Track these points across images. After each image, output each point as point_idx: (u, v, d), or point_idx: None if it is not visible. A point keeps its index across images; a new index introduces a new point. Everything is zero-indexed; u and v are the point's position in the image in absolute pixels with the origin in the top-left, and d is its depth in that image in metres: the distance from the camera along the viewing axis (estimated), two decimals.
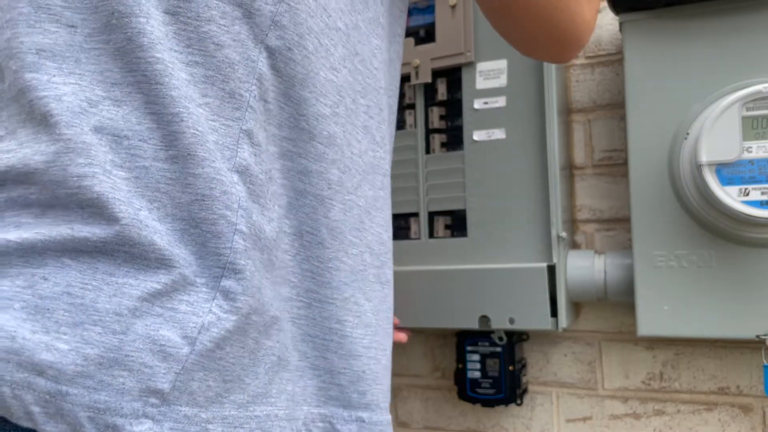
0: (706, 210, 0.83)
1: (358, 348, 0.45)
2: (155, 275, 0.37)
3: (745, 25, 0.83)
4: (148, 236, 0.37)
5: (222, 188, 0.39)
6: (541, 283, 0.93)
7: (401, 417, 1.18)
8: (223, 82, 0.40)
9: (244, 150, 0.40)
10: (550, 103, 0.94)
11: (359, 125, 0.48)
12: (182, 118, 0.39)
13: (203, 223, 0.38)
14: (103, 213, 0.37)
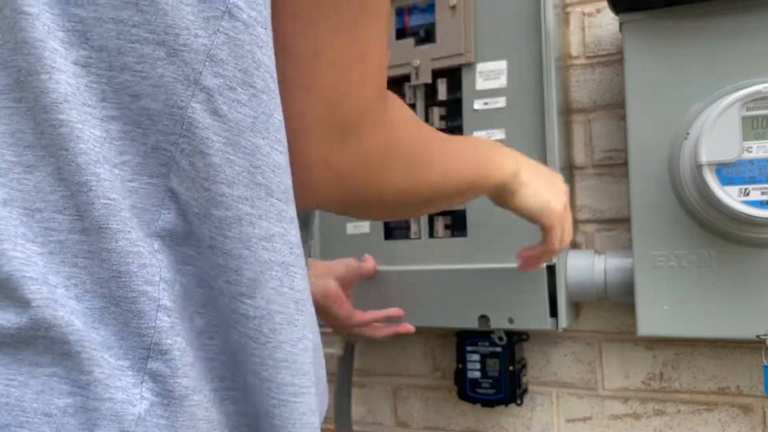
0: (706, 210, 0.83)
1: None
2: (79, 362, 0.33)
3: (745, 25, 0.83)
4: (65, 317, 0.33)
5: (140, 261, 0.34)
6: (540, 283, 0.93)
7: (401, 417, 1.18)
8: (143, 136, 0.35)
9: (168, 212, 0.36)
10: (549, 103, 0.93)
11: None
12: (90, 187, 0.34)
13: (123, 302, 0.34)
14: (14, 295, 0.33)
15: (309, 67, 0.41)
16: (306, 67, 0.41)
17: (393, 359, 1.18)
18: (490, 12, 0.99)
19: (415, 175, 0.52)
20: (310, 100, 0.42)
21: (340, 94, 0.42)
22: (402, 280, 0.93)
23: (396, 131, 0.48)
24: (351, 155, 0.45)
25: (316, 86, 0.42)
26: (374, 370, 1.20)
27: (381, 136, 0.46)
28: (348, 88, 0.43)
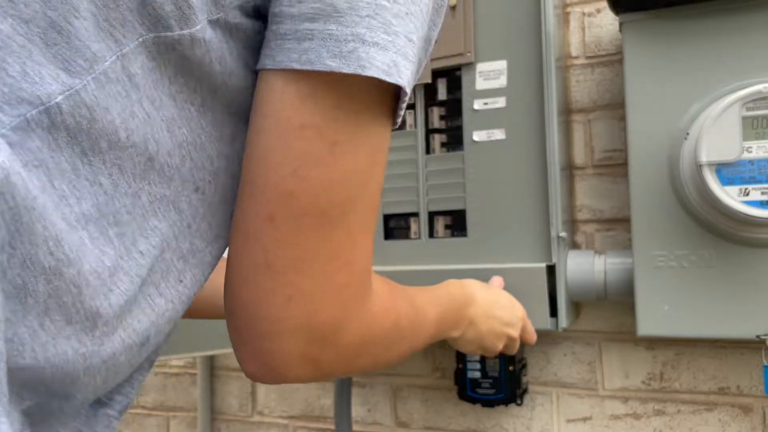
0: (706, 210, 0.83)
1: None
2: None
3: (745, 25, 0.83)
4: None
5: None
6: (540, 283, 0.93)
7: (401, 417, 1.18)
8: None
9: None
10: (549, 103, 0.94)
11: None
12: None
13: None
14: None
15: (291, 278, 0.42)
16: (288, 279, 0.42)
17: None
18: (490, 12, 0.99)
19: (385, 356, 0.55)
20: (291, 307, 0.42)
21: (321, 302, 0.43)
22: (402, 280, 0.92)
23: (375, 325, 0.49)
24: (329, 352, 0.45)
25: (298, 296, 0.42)
26: (374, 370, 1.20)
27: (359, 333, 0.47)
28: (330, 296, 0.43)
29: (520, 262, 0.96)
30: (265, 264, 0.42)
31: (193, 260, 0.43)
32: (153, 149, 0.40)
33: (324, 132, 0.40)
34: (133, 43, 0.38)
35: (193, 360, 1.36)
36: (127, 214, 0.39)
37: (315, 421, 1.25)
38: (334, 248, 0.43)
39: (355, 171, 0.42)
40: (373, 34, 0.39)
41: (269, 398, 1.29)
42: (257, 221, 0.42)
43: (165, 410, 1.39)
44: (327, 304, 0.43)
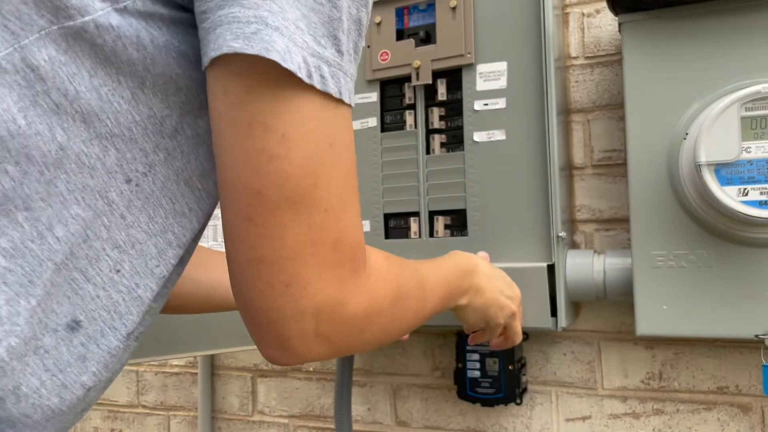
0: (705, 210, 0.84)
1: None
2: None
3: (744, 25, 0.83)
4: None
5: None
6: (541, 283, 0.94)
7: (401, 416, 1.18)
8: None
9: None
10: (550, 105, 0.94)
11: None
12: None
13: None
14: None
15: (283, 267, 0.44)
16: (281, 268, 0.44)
17: (393, 358, 1.19)
18: (491, 13, 0.99)
19: (394, 326, 0.56)
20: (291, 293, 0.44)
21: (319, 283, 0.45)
22: None
23: (377, 296, 0.52)
24: (338, 328, 0.47)
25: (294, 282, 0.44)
26: (374, 369, 1.20)
27: (363, 306, 0.49)
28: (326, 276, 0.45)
29: (521, 261, 0.97)
30: (256, 259, 0.44)
31: (132, 251, 0.44)
32: (63, 139, 0.41)
33: (270, 125, 0.42)
34: (33, 36, 0.39)
35: (193, 359, 1.36)
36: (40, 200, 0.40)
37: (315, 420, 1.26)
38: (318, 231, 0.44)
39: (312, 157, 0.43)
40: (274, 18, 0.40)
41: (269, 397, 1.29)
42: (237, 223, 0.44)
43: (165, 409, 1.39)
44: (324, 284, 0.45)
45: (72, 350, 0.43)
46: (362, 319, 0.50)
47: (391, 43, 1.04)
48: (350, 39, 0.44)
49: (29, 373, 0.41)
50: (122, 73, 0.42)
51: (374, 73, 1.06)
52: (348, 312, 0.48)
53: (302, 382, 1.27)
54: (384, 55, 1.05)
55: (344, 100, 0.44)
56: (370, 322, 0.51)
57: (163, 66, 0.43)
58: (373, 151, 1.07)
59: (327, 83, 0.42)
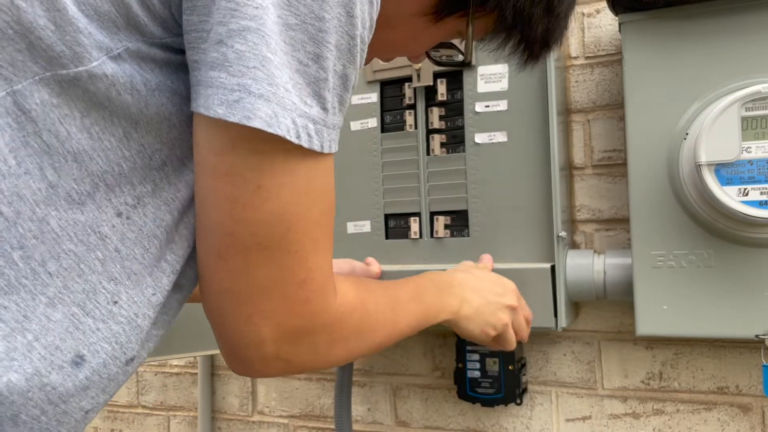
0: (705, 210, 0.84)
1: None
2: None
3: (744, 25, 0.84)
4: None
5: None
6: (544, 284, 0.94)
7: (401, 416, 1.18)
8: None
9: None
10: (552, 107, 0.94)
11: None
12: None
13: None
14: None
15: (248, 301, 0.47)
16: (245, 301, 0.47)
17: (393, 359, 1.19)
18: None
19: (361, 346, 0.60)
20: (252, 323, 0.48)
21: (283, 317, 0.48)
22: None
23: (342, 325, 0.55)
24: (301, 353, 0.51)
25: (257, 315, 0.47)
26: (374, 370, 1.20)
27: (328, 334, 0.53)
28: (291, 311, 0.48)
29: (523, 262, 0.97)
30: (223, 290, 0.47)
31: (128, 282, 0.45)
32: (53, 177, 0.42)
33: (247, 177, 0.44)
34: (26, 81, 0.41)
35: (193, 360, 1.36)
36: (33, 238, 0.42)
37: (315, 420, 1.26)
38: (286, 273, 0.47)
39: (286, 206, 0.45)
40: (258, 86, 0.41)
41: (269, 397, 1.29)
42: (209, 258, 0.47)
43: (165, 409, 1.39)
44: (289, 317, 0.48)
45: (77, 383, 0.44)
46: (324, 345, 0.53)
47: None
48: (335, 95, 0.45)
49: (31, 406, 0.42)
50: (115, 115, 0.44)
51: (375, 74, 1.06)
52: (310, 340, 0.51)
53: (302, 382, 1.27)
54: None
55: (326, 152, 0.46)
56: (333, 347, 0.54)
57: (157, 107, 0.45)
58: (374, 152, 1.07)
59: (312, 141, 0.44)
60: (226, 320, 0.48)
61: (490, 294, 0.83)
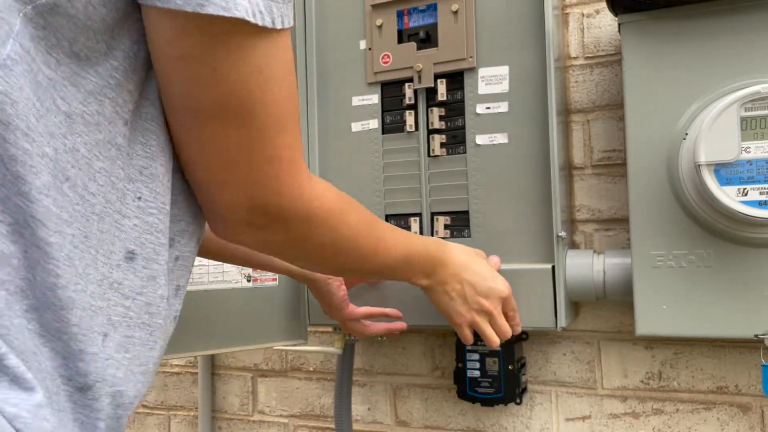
0: (704, 210, 0.84)
1: None
2: None
3: (744, 25, 0.84)
4: None
5: None
6: (545, 285, 0.94)
7: (401, 416, 1.18)
8: None
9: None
10: (551, 108, 0.94)
11: (63, 255, 0.46)
12: None
13: None
14: None
15: (220, 172, 0.51)
16: (217, 172, 0.51)
17: (393, 358, 1.19)
18: (492, 17, 0.99)
19: (334, 254, 0.64)
20: (227, 193, 0.52)
21: (254, 190, 0.52)
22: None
23: (319, 220, 0.59)
24: (276, 226, 0.56)
25: (230, 185, 0.52)
26: (374, 369, 1.20)
27: (300, 214, 0.56)
28: (262, 185, 0.52)
29: (523, 262, 0.97)
30: (195, 162, 0.51)
31: (142, 177, 0.49)
32: (64, 107, 0.44)
33: (202, 59, 0.46)
34: (17, 20, 0.42)
35: (193, 359, 1.36)
36: (72, 168, 0.45)
37: (315, 420, 1.26)
38: (253, 146, 0.50)
39: (243, 84, 0.48)
40: None
41: (270, 397, 1.30)
42: (179, 133, 0.50)
43: (166, 409, 1.40)
44: (260, 191, 0.52)
45: (139, 274, 0.49)
46: (298, 234, 0.58)
47: (392, 46, 1.04)
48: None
49: (113, 305, 0.47)
50: (97, 32, 0.45)
51: (375, 75, 1.06)
52: (283, 224, 0.55)
53: (302, 382, 1.27)
54: (385, 57, 1.05)
55: (279, 28, 0.48)
56: (307, 241, 0.59)
57: (124, 10, 0.46)
58: (374, 153, 1.07)
59: (264, 18, 0.46)
60: (206, 187, 0.53)
61: (470, 289, 0.85)
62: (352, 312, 0.97)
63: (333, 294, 0.95)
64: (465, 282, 0.85)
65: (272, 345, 1.05)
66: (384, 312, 0.99)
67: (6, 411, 0.40)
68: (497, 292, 0.86)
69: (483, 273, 0.86)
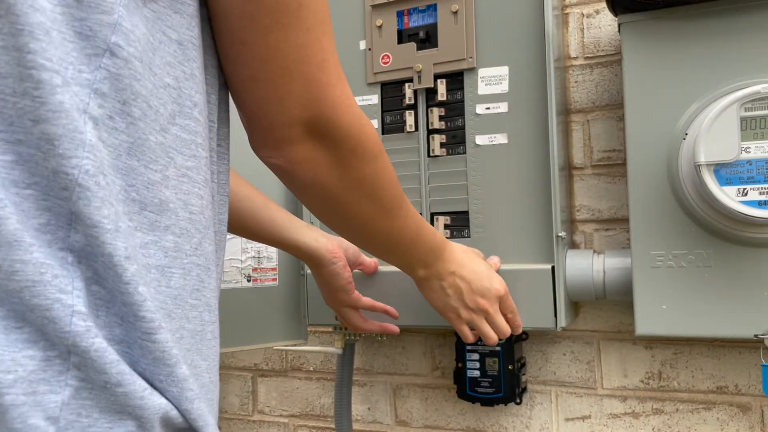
0: (704, 210, 0.84)
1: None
2: (3, 363, 0.37)
3: (743, 25, 0.84)
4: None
5: (53, 272, 0.38)
6: (545, 285, 0.94)
7: (401, 416, 1.18)
8: (44, 159, 0.38)
9: (76, 233, 0.39)
10: (551, 108, 0.94)
11: (200, 180, 0.47)
12: (5, 203, 0.37)
13: (37, 309, 0.37)
14: None
15: (277, 84, 0.51)
16: (275, 85, 0.51)
17: (393, 358, 1.19)
18: (492, 17, 0.99)
19: (368, 187, 0.64)
20: (285, 105, 0.52)
21: (311, 100, 0.53)
22: (403, 279, 0.93)
23: (364, 131, 0.59)
24: (328, 144, 0.56)
25: (288, 97, 0.52)
26: (374, 369, 1.20)
27: (351, 132, 0.57)
28: (317, 94, 0.53)
29: (523, 262, 0.97)
30: (252, 78, 0.51)
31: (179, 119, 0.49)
32: (174, 35, 0.45)
33: None
34: (121, 8, 0.42)
35: None
36: (196, 93, 0.47)
37: (315, 419, 1.26)
38: (305, 52, 0.51)
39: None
40: None
41: (270, 397, 1.30)
42: (234, 47, 0.50)
43: None
44: (316, 102, 0.53)
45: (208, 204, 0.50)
46: (349, 141, 0.58)
47: (392, 46, 1.04)
48: None
49: (196, 231, 0.47)
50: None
51: (375, 75, 1.06)
52: (336, 126, 0.55)
53: (302, 382, 1.27)
54: (385, 58, 1.05)
55: None
56: (356, 152, 0.59)
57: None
58: None
59: None
60: (258, 107, 0.52)
61: (466, 286, 0.86)
62: (358, 299, 0.95)
63: (338, 275, 0.93)
64: (461, 279, 0.85)
65: (272, 345, 1.05)
66: (385, 309, 0.98)
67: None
68: (493, 291, 0.87)
69: (480, 272, 0.87)
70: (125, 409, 0.40)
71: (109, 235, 0.40)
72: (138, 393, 0.40)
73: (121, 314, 0.41)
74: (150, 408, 0.41)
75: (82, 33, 0.39)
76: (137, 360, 0.41)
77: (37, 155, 0.38)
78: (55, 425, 0.37)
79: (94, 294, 0.40)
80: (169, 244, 0.44)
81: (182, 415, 0.43)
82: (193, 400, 0.43)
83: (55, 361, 0.38)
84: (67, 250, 0.39)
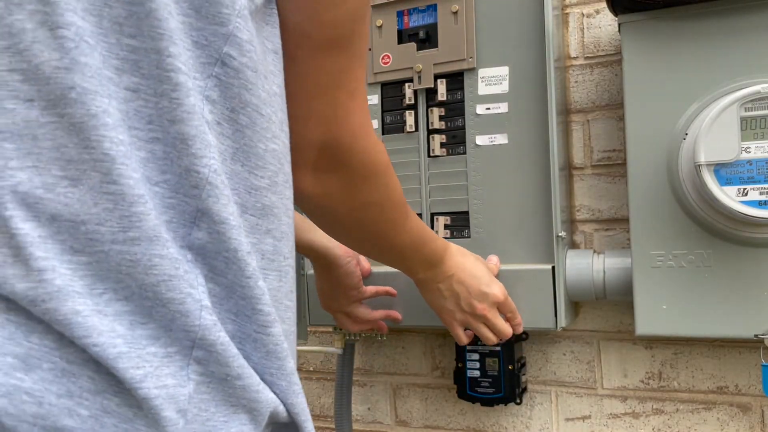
0: (704, 210, 0.84)
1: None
2: (129, 360, 0.38)
3: (743, 25, 0.84)
4: (109, 325, 0.37)
5: (184, 267, 0.40)
6: (546, 285, 0.94)
7: (401, 416, 1.18)
8: (178, 158, 0.40)
9: (199, 230, 0.41)
10: (551, 108, 0.94)
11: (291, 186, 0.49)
12: (146, 199, 0.38)
13: (171, 303, 0.39)
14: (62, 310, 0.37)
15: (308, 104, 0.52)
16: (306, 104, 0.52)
17: (393, 358, 1.19)
18: (492, 17, 0.99)
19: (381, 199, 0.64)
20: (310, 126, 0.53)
21: (334, 125, 0.54)
22: (403, 279, 0.93)
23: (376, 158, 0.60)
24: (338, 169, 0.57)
25: (315, 118, 0.53)
26: (374, 369, 1.20)
27: (364, 160, 0.58)
28: (341, 120, 0.54)
29: (523, 262, 0.97)
30: (288, 94, 0.51)
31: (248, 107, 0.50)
32: (270, 45, 0.47)
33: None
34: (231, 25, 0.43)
35: None
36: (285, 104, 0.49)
37: (315, 419, 1.26)
38: (341, 75, 0.52)
39: (358, 7, 0.50)
40: None
41: None
42: (282, 61, 0.50)
43: None
44: (337, 127, 0.54)
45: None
46: (361, 169, 0.58)
47: (392, 46, 1.05)
48: None
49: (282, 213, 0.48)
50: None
51: (375, 76, 1.06)
52: (350, 156, 0.56)
53: (302, 382, 1.27)
54: (385, 58, 1.05)
55: None
56: (363, 183, 0.60)
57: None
58: None
59: None
60: (290, 124, 0.52)
61: (464, 290, 0.86)
62: (365, 291, 0.98)
63: (352, 273, 0.95)
64: (460, 283, 0.85)
65: None
66: (387, 290, 1.00)
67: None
68: (491, 297, 0.87)
69: (479, 276, 0.87)
70: (240, 402, 0.42)
71: (235, 231, 0.41)
72: (254, 387, 0.42)
73: (235, 310, 0.42)
74: (263, 402, 0.43)
75: (198, 42, 0.41)
76: (249, 354, 0.43)
77: (172, 153, 0.40)
78: (184, 418, 0.39)
79: (210, 291, 0.41)
80: (268, 247, 0.45)
81: (287, 409, 0.45)
82: (298, 394, 0.46)
83: (176, 357, 0.39)
84: (186, 248, 0.41)
